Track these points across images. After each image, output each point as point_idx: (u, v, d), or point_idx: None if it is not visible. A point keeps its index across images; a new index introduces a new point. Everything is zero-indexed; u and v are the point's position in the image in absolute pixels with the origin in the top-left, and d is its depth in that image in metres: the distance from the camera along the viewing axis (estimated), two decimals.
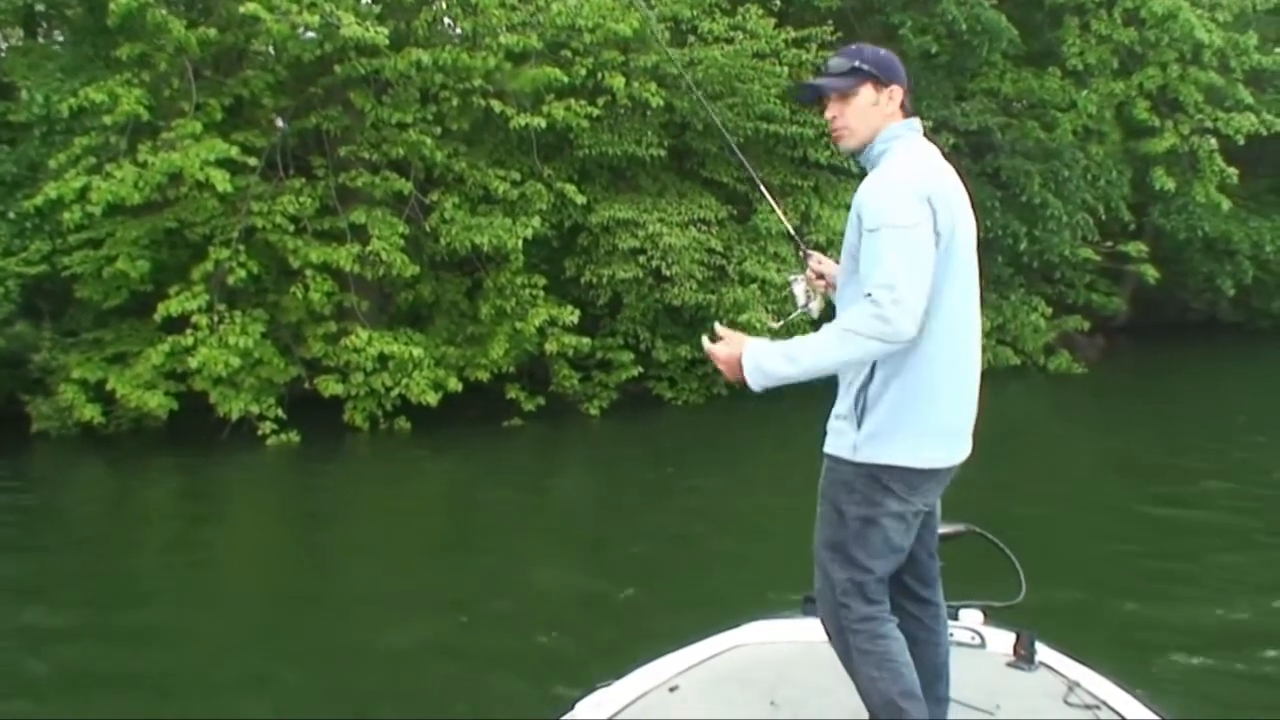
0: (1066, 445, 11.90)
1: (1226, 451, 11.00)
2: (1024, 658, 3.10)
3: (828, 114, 2.63)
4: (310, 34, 10.98)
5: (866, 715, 2.59)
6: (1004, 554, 3.32)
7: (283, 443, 10.95)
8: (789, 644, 3.23)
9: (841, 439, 2.53)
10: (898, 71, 2.60)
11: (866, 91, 2.56)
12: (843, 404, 2.54)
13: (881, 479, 2.47)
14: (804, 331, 2.49)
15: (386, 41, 10.83)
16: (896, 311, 2.32)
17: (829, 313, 2.65)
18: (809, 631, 3.15)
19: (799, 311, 3.03)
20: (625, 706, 2.87)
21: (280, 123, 11.43)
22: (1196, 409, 13.95)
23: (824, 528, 2.57)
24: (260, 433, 10.97)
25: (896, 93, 2.58)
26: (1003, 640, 3.19)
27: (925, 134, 2.66)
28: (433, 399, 11.27)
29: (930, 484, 2.53)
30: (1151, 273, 16.13)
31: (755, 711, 2.85)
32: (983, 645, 3.19)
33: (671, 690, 2.97)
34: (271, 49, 11.27)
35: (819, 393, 2.64)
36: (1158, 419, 13.07)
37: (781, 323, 3.32)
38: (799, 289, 3.02)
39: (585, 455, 11.79)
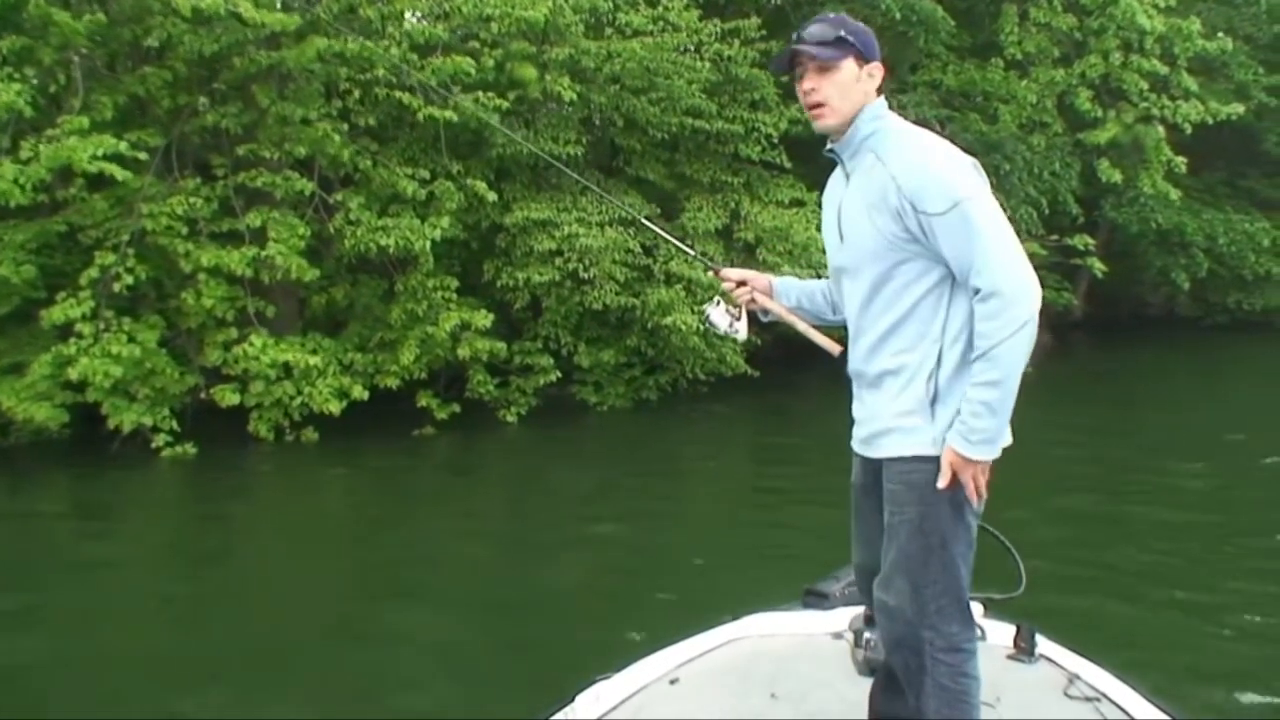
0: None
1: (1155, 449, 10.70)
2: (1024, 650, 3.10)
3: (804, 86, 2.41)
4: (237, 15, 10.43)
5: (865, 709, 2.61)
6: (1004, 547, 3.28)
7: (177, 455, 10.47)
8: (789, 637, 3.24)
9: (915, 436, 2.30)
10: (877, 49, 2.43)
11: (849, 66, 2.37)
12: (905, 400, 2.32)
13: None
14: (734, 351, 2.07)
15: (292, 23, 10.38)
16: (1019, 292, 2.16)
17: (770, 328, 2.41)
18: (809, 624, 3.25)
19: (727, 335, 2.95)
20: (625, 699, 2.86)
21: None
22: (1136, 405, 13.68)
23: (910, 541, 2.33)
24: (154, 445, 10.49)
25: (877, 70, 2.40)
26: (1003, 633, 3.18)
27: None
28: (335, 408, 10.79)
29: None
30: (1099, 266, 15.70)
31: (755, 704, 2.84)
32: (983, 638, 3.07)
33: (672, 683, 2.96)
34: (169, 33, 10.69)
35: (749, 395, 2.31)
36: (1098, 417, 12.74)
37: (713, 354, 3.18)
38: (717, 316, 2.91)
39: (501, 463, 11.30)
